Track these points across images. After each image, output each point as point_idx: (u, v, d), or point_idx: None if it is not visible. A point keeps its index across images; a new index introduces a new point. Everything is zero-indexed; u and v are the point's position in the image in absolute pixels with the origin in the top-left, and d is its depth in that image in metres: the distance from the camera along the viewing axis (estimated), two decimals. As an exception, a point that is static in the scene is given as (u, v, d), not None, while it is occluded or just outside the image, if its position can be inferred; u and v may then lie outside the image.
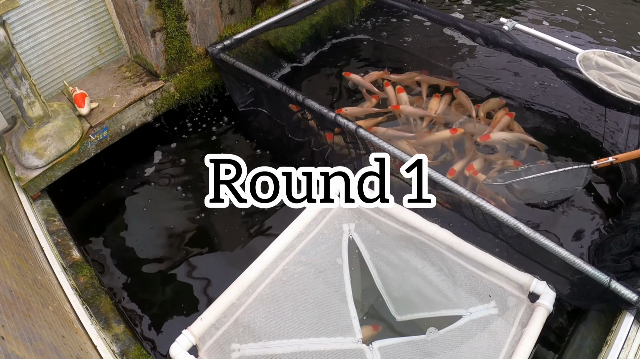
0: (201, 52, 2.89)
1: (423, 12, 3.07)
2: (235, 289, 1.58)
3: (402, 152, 2.17)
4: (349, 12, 3.60)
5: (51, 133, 2.33)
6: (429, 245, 1.73)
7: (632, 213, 2.27)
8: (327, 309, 1.72)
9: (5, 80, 2.12)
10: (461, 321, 1.67)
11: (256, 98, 2.95)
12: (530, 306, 1.60)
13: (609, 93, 2.39)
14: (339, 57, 3.42)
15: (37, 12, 2.36)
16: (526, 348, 1.47)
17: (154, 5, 2.48)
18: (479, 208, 1.97)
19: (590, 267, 1.76)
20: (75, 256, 2.14)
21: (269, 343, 1.58)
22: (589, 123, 2.82)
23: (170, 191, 2.58)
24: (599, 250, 2.15)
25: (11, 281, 1.51)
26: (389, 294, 1.85)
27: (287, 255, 1.73)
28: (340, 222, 1.88)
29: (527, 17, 3.90)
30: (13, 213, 2.09)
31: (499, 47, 2.78)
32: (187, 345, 1.47)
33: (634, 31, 3.72)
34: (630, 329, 1.74)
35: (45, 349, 1.36)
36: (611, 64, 2.57)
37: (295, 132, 2.76)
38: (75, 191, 2.54)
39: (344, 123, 2.31)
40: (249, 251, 2.29)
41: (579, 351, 1.81)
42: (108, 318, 1.92)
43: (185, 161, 2.73)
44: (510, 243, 1.98)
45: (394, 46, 3.50)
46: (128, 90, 2.68)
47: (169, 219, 2.45)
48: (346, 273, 1.80)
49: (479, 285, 1.68)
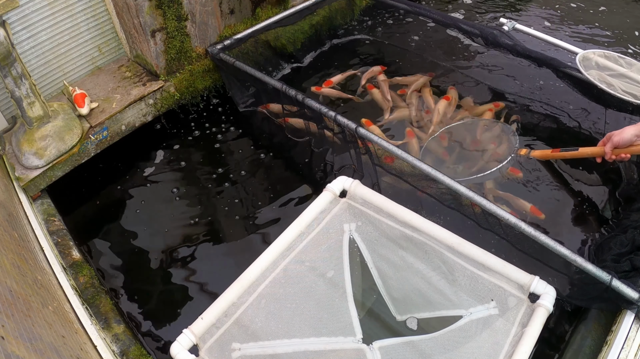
0: (201, 52, 2.89)
1: (423, 12, 3.07)
2: (236, 288, 1.58)
3: (403, 151, 2.17)
4: (349, 12, 3.60)
5: (51, 133, 2.33)
6: (430, 245, 1.73)
7: (632, 213, 2.27)
8: (328, 309, 1.72)
9: (5, 80, 2.12)
10: (461, 321, 1.67)
11: (256, 99, 2.95)
12: (530, 306, 1.60)
13: (609, 93, 2.39)
14: (339, 57, 3.42)
15: (37, 12, 2.36)
16: (526, 348, 1.46)
17: (154, 5, 2.48)
18: (479, 206, 1.98)
19: (592, 266, 1.76)
20: (75, 256, 2.14)
21: (270, 342, 1.58)
22: (589, 123, 2.82)
23: (171, 191, 2.58)
24: (599, 249, 2.15)
25: (11, 281, 1.51)
26: (389, 294, 1.85)
27: (288, 254, 1.73)
28: (341, 222, 1.88)
29: (527, 17, 3.91)
30: (13, 213, 2.09)
31: (499, 47, 2.78)
32: (187, 344, 1.47)
33: (634, 31, 3.72)
34: (631, 329, 1.74)
35: (46, 349, 1.36)
36: (611, 64, 2.57)
37: (295, 132, 2.76)
38: (75, 191, 2.54)
39: (344, 122, 2.31)
40: (250, 251, 2.30)
41: (579, 351, 1.81)
42: (108, 318, 1.92)
43: (185, 161, 2.73)
44: (511, 241, 1.99)
45: (395, 45, 3.50)
46: (128, 90, 2.68)
47: (169, 219, 2.45)
48: (347, 273, 1.80)
49: (479, 285, 1.68)
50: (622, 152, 1.94)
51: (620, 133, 1.89)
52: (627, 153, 1.94)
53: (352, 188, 1.88)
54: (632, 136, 1.87)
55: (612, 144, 1.93)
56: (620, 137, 1.89)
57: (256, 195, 2.56)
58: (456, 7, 4.05)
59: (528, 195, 2.45)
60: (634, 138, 1.88)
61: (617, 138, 1.91)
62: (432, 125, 2.74)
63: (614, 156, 1.96)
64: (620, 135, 1.89)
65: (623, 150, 1.94)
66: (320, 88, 3.06)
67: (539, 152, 2.37)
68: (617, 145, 1.92)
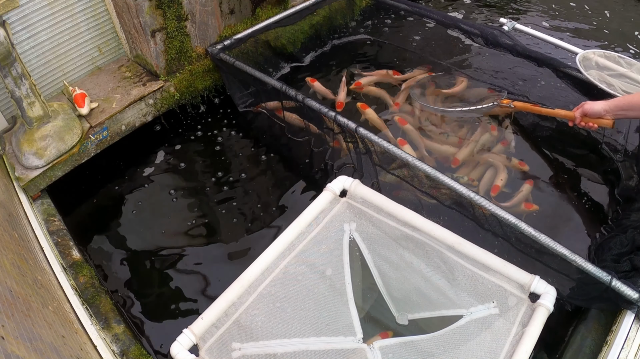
0: (201, 52, 2.89)
1: (423, 12, 3.07)
2: (236, 288, 1.58)
3: (403, 152, 2.17)
4: (349, 12, 3.60)
5: (51, 133, 2.33)
6: (430, 245, 1.73)
7: (632, 213, 2.27)
8: (328, 308, 1.72)
9: (5, 80, 2.12)
10: (462, 321, 1.67)
11: (256, 99, 2.95)
12: (530, 306, 1.60)
13: (609, 93, 2.39)
14: (339, 57, 3.42)
15: (37, 12, 2.36)
16: (527, 348, 1.46)
17: (154, 5, 2.48)
18: (479, 206, 1.98)
19: (592, 266, 1.76)
20: (75, 256, 2.13)
21: (270, 342, 1.58)
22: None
23: (171, 191, 2.58)
24: (598, 250, 2.15)
25: (11, 281, 1.51)
26: (390, 294, 1.85)
27: (288, 254, 1.73)
28: (342, 222, 1.88)
29: (527, 17, 3.91)
30: (13, 213, 2.08)
31: (499, 47, 2.78)
32: (187, 344, 1.46)
33: (634, 31, 3.73)
34: (631, 329, 1.74)
35: (46, 349, 1.36)
36: (611, 64, 2.58)
37: (295, 132, 2.76)
38: (75, 191, 2.54)
39: (344, 122, 2.31)
40: (250, 251, 2.30)
41: (579, 351, 1.81)
42: (108, 318, 1.92)
43: (185, 161, 2.73)
44: (511, 241, 1.99)
45: (395, 45, 3.50)
46: (128, 90, 2.68)
47: (169, 219, 2.45)
48: (347, 272, 1.80)
49: (479, 285, 1.68)
50: (590, 121, 2.09)
51: (592, 105, 2.06)
52: (594, 124, 2.08)
53: (352, 188, 1.88)
54: (602, 109, 2.03)
55: (582, 111, 2.09)
56: (591, 107, 2.05)
57: (256, 195, 2.56)
58: (456, 7, 4.05)
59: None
60: (602, 112, 2.03)
61: (587, 106, 2.07)
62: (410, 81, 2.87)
63: (583, 122, 2.11)
64: (591, 106, 2.06)
65: (591, 120, 2.08)
66: (314, 80, 3.08)
67: (521, 104, 2.52)
68: (586, 113, 2.08)
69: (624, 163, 2.50)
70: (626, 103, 1.98)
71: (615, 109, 2.01)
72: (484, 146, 2.66)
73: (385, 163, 2.33)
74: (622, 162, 2.51)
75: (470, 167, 2.59)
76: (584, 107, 2.08)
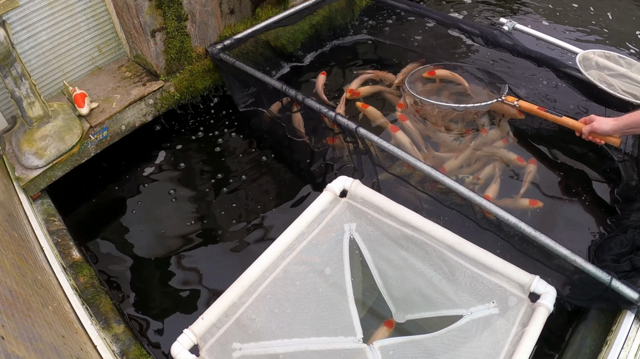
0: (201, 52, 2.89)
1: (423, 12, 3.07)
2: (236, 288, 1.58)
3: (404, 152, 2.17)
4: (349, 12, 3.60)
5: (51, 133, 2.33)
6: (430, 245, 1.73)
7: (632, 213, 2.27)
8: (328, 308, 1.72)
9: (5, 80, 2.12)
10: (462, 321, 1.67)
11: (256, 99, 2.95)
12: (530, 306, 1.60)
13: (609, 93, 2.39)
14: (339, 57, 3.42)
15: (37, 12, 2.36)
16: (527, 348, 1.46)
17: (154, 5, 2.48)
18: (479, 206, 1.98)
19: (591, 266, 1.76)
20: (75, 256, 2.13)
21: (270, 342, 1.58)
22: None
23: (171, 191, 2.58)
24: (598, 250, 2.15)
25: (11, 281, 1.51)
26: (390, 294, 1.85)
27: (288, 254, 1.73)
28: (342, 222, 1.88)
29: (527, 17, 3.91)
30: (13, 213, 2.08)
31: (499, 47, 2.78)
32: (188, 344, 1.47)
33: (634, 31, 3.72)
34: (630, 329, 1.74)
35: (46, 349, 1.36)
36: (611, 64, 2.58)
37: (295, 131, 2.76)
38: (75, 191, 2.54)
39: (344, 122, 2.31)
40: (250, 251, 2.30)
41: (579, 351, 1.81)
42: (108, 318, 1.92)
43: (185, 161, 2.73)
44: (511, 241, 1.98)
45: (396, 45, 3.50)
46: (128, 90, 2.68)
47: (169, 219, 2.45)
48: (347, 272, 1.80)
49: (479, 285, 1.68)
50: (597, 137, 2.14)
51: (601, 123, 2.09)
52: (601, 140, 2.14)
53: (353, 188, 1.88)
54: (610, 129, 2.07)
55: (591, 129, 2.13)
56: (599, 126, 2.09)
57: (256, 195, 2.56)
58: (456, 7, 4.05)
59: (528, 195, 2.45)
60: (611, 132, 2.08)
61: (597, 124, 2.10)
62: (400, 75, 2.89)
63: (590, 137, 2.16)
64: (600, 124, 2.09)
65: (598, 136, 2.14)
66: (324, 73, 3.11)
67: (526, 104, 2.51)
68: (595, 131, 2.13)
69: (625, 163, 2.49)
70: (635, 121, 2.01)
71: (624, 128, 2.04)
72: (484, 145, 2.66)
73: (386, 162, 2.33)
74: (623, 161, 2.51)
75: (473, 165, 2.58)
76: (593, 126, 2.10)
